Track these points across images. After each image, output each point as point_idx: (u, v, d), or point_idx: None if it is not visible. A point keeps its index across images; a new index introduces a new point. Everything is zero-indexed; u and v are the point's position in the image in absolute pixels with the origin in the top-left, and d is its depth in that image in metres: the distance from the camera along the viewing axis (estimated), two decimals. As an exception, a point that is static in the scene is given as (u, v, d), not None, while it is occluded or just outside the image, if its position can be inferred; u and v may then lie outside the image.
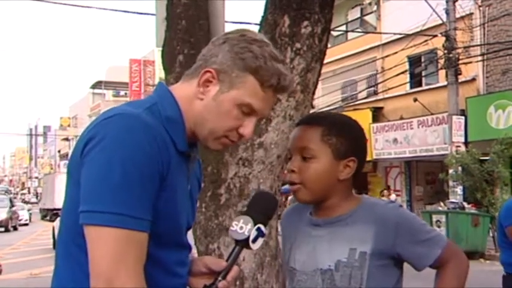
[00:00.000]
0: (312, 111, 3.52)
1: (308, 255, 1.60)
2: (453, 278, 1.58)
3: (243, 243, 1.37)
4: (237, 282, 2.75)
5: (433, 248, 1.56)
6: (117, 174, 1.17)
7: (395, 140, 18.39)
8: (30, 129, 77.55)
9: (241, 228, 1.37)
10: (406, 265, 1.61)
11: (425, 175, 19.79)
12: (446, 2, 15.73)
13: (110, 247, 1.16)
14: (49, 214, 33.93)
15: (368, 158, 15.05)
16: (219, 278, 1.35)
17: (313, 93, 3.02)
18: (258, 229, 1.37)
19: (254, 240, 1.37)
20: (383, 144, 18.81)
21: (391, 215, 1.55)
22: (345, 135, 1.58)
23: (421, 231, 1.57)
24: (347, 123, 1.64)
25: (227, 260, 1.39)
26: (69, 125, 56.24)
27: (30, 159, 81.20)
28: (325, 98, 21.04)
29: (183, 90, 1.36)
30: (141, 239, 1.20)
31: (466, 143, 15.60)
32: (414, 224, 1.57)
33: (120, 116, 1.23)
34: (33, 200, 58.07)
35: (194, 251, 1.63)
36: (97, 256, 1.17)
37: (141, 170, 1.19)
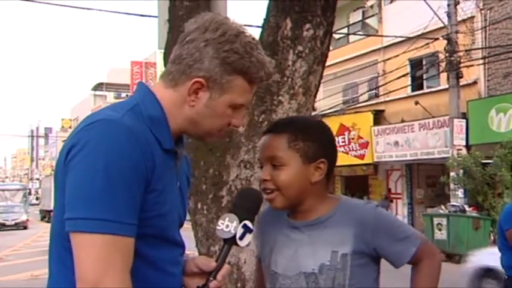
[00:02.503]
0: (313, 113, 3.52)
1: (290, 259, 1.62)
2: (427, 276, 1.64)
3: (231, 241, 1.39)
4: (238, 285, 2.76)
5: (410, 246, 1.61)
6: (100, 180, 1.17)
7: (396, 143, 18.38)
8: (32, 131, 77.51)
9: (227, 226, 1.38)
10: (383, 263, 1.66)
11: (427, 178, 19.77)
12: (448, 5, 15.74)
13: (95, 253, 1.16)
14: (47, 215, 34.01)
15: (369, 161, 14.92)
16: (210, 278, 1.36)
17: (315, 96, 3.03)
18: (244, 226, 1.39)
19: (241, 237, 1.38)
20: (384, 147, 18.80)
21: (369, 216, 1.58)
22: (312, 139, 1.60)
23: (398, 230, 1.62)
24: (312, 126, 1.66)
25: (217, 260, 1.40)
26: (70, 127, 56.26)
27: (32, 160, 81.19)
28: (327, 100, 21.04)
29: (166, 95, 1.35)
30: (127, 244, 1.20)
31: (467, 146, 15.59)
32: (392, 224, 1.63)
33: (102, 122, 1.23)
34: (34, 201, 58.10)
35: (190, 252, 1.62)
36: (83, 263, 1.17)
37: (124, 174, 1.19)
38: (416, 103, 17.72)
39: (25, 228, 30.18)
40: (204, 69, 1.32)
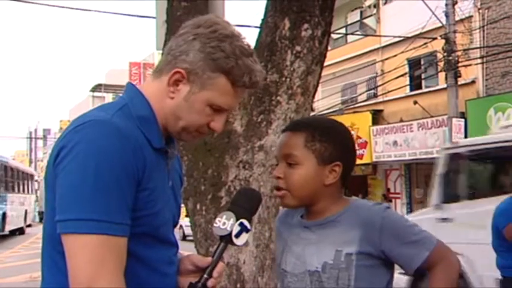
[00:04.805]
0: (311, 114, 3.52)
1: (297, 258, 1.62)
2: (442, 281, 1.57)
3: (227, 239, 1.38)
4: (238, 285, 2.75)
5: (421, 250, 1.55)
6: (90, 181, 1.16)
7: (395, 143, 18.38)
8: (30, 133, 77.41)
9: (223, 224, 1.38)
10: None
11: (425, 178, 19.76)
12: (446, 4, 15.75)
13: (88, 254, 1.15)
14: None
15: (368, 161, 14.87)
16: (205, 276, 1.35)
17: (314, 96, 3.02)
18: (241, 224, 1.38)
19: (237, 236, 1.37)
20: (383, 146, 18.80)
21: (376, 217, 1.55)
22: (329, 141, 1.59)
23: (407, 233, 1.56)
24: (331, 128, 1.64)
25: (213, 257, 1.39)
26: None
27: (30, 162, 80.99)
28: (325, 100, 21.04)
29: (153, 87, 1.35)
30: (120, 244, 1.19)
31: (466, 146, 15.59)
32: (400, 226, 1.57)
33: (92, 123, 1.23)
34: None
35: (187, 251, 1.61)
36: (75, 264, 1.16)
37: (115, 175, 1.18)
38: (415, 103, 17.72)
39: None
40: (188, 61, 1.31)
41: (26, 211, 24.59)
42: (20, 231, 23.22)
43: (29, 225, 29.30)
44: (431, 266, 1.58)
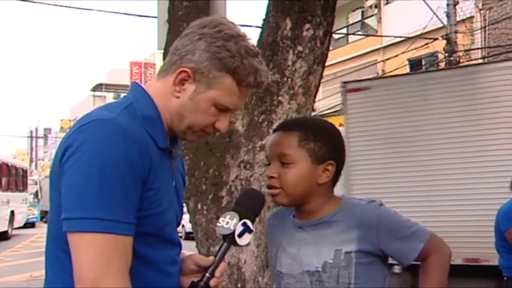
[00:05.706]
0: (313, 114, 3.52)
1: (294, 258, 1.63)
2: (436, 270, 1.61)
3: (230, 239, 1.38)
4: (239, 285, 2.75)
5: (416, 243, 1.59)
6: (96, 180, 1.16)
7: (396, 143, 18.36)
8: (31, 132, 77.39)
9: (227, 223, 1.38)
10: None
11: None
12: (447, 5, 15.74)
13: (93, 253, 1.15)
14: (46, 216, 33.83)
15: (369, 161, 14.63)
16: (207, 275, 1.35)
17: (315, 96, 3.02)
18: (244, 224, 1.39)
19: (240, 235, 1.38)
20: (384, 147, 18.78)
21: (372, 215, 1.57)
22: (322, 140, 1.61)
23: (402, 228, 1.60)
24: (324, 128, 1.66)
25: (215, 256, 1.39)
26: (69, 128, 56.04)
27: (31, 161, 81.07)
28: (326, 100, 21.04)
29: (158, 87, 1.36)
30: (125, 243, 1.20)
31: (466, 146, 15.55)
32: (395, 222, 1.60)
33: (97, 122, 1.23)
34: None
35: (189, 252, 1.61)
36: (81, 263, 1.16)
37: (120, 174, 1.18)
38: (416, 103, 17.71)
39: None
40: (194, 61, 1.32)
41: (12, 212, 19.95)
42: (4, 235, 18.94)
43: (32, 226, 28.79)
44: (426, 256, 1.61)
